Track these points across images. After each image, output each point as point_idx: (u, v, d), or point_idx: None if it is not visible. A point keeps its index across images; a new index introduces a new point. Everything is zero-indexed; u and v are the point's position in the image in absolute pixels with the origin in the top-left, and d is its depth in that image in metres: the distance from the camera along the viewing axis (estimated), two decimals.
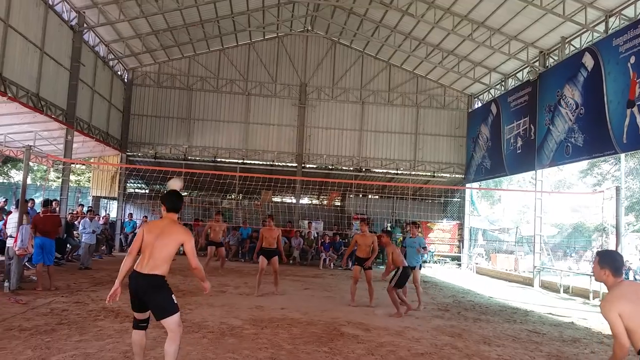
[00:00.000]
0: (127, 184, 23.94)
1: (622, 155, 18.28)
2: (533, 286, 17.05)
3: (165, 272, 4.81)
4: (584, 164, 30.20)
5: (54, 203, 14.44)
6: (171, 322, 4.78)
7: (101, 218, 19.65)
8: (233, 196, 24.51)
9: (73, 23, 16.57)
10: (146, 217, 21.69)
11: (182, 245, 4.90)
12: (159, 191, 24.43)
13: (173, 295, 4.85)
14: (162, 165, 21.60)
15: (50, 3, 14.88)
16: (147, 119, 23.04)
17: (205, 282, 5.27)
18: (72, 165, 19.63)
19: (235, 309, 9.19)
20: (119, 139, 21.99)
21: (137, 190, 25.38)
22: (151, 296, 4.75)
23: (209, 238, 14.29)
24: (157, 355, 5.85)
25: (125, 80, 22.65)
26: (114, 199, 23.68)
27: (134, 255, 4.89)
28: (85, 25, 17.06)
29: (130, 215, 21.84)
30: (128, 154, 22.69)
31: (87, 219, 14.81)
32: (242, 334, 7.32)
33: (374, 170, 24.25)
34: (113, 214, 23.49)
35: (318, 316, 9.00)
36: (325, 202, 26.84)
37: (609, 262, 3.88)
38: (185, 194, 24.72)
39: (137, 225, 21.22)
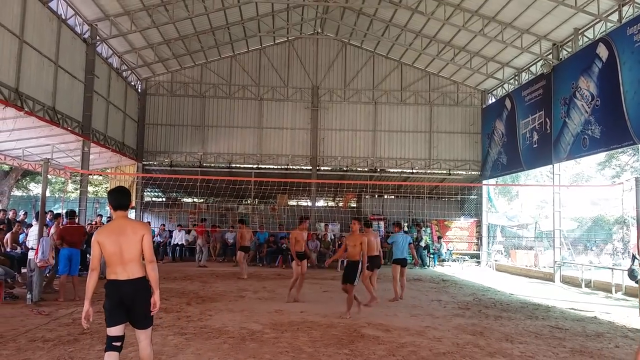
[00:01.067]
0: (144, 193, 24.16)
1: None
2: (554, 281, 16.85)
3: (143, 272, 4.56)
4: (601, 156, 29.77)
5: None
6: (149, 333, 4.68)
7: None
8: (249, 201, 24.61)
9: (86, 36, 16.81)
10: (164, 225, 21.88)
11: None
12: (176, 199, 24.67)
13: None
14: (177, 173, 21.83)
15: (64, 17, 15.11)
16: (162, 128, 23.25)
17: (156, 290, 4.63)
18: (89, 176, 19.89)
19: (255, 313, 9.20)
20: (134, 149, 22.22)
21: (154, 199, 25.59)
22: (140, 302, 4.55)
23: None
24: None
25: (139, 90, 22.91)
26: (132, 208, 23.84)
27: (98, 270, 4.58)
28: (97, 37, 17.29)
29: (148, 223, 21.96)
30: (144, 163, 22.92)
31: None
32: (262, 338, 7.33)
33: (389, 170, 24.19)
34: None
35: (338, 318, 8.98)
36: (340, 204, 26.81)
37: None
38: (202, 200, 24.88)
39: (155, 233, 21.34)
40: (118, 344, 4.63)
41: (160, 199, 25.58)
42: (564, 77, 16.78)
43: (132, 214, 24.55)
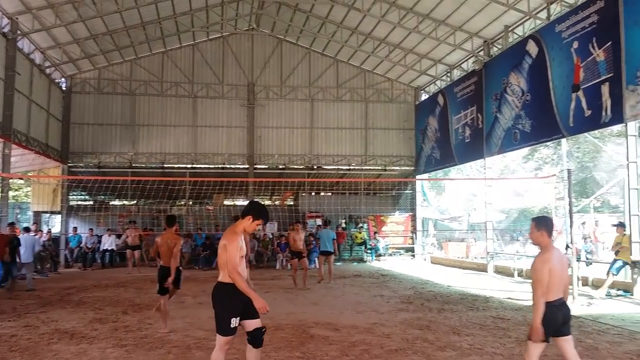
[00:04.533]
0: (70, 197, 22.87)
1: (564, 140, 18.94)
2: (487, 272, 17.38)
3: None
4: (525, 150, 31.15)
5: None
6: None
7: (44, 234, 18.71)
8: (183, 202, 23.88)
9: (5, 30, 15.65)
10: (92, 229, 20.77)
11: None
12: (104, 202, 23.51)
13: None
14: (106, 175, 20.77)
15: None
16: (89, 128, 22.09)
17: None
18: (10, 180, 18.57)
19: (197, 319, 8.84)
20: (59, 150, 21.00)
21: (80, 203, 24.30)
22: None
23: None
24: None
25: (64, 88, 21.64)
26: (56, 212, 22.59)
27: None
28: (18, 32, 16.15)
29: (75, 229, 20.81)
30: (70, 164, 21.71)
31: (26, 235, 13.90)
32: (208, 345, 6.99)
33: (326, 167, 24.18)
34: (55, 229, 22.37)
35: (284, 319, 8.78)
36: (278, 202, 26.56)
37: (545, 225, 4.66)
38: (133, 202, 23.89)
39: (82, 240, 20.24)
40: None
41: (87, 203, 24.31)
42: (495, 73, 17.31)
43: (57, 218, 23.27)
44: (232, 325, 4.61)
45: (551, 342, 4.57)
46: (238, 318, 4.65)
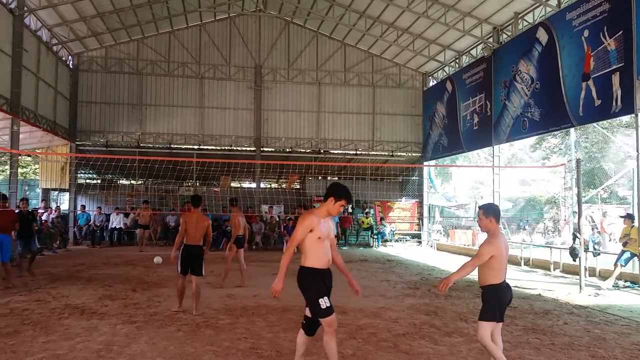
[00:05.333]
0: (78, 175, 22.97)
1: (572, 130, 18.87)
2: None
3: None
4: (533, 139, 31.07)
5: None
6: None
7: (53, 211, 18.86)
8: (190, 183, 23.94)
9: (12, 6, 15.57)
10: (100, 208, 20.92)
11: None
12: (111, 180, 23.60)
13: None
14: (114, 154, 20.84)
15: None
16: (96, 106, 22.09)
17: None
18: (19, 157, 18.64)
19: (206, 298, 8.89)
20: (67, 128, 21.03)
21: (88, 181, 24.41)
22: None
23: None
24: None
25: (71, 66, 21.60)
26: (64, 190, 22.72)
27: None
28: (25, 8, 16.07)
29: (83, 207, 20.97)
30: (77, 143, 21.76)
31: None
32: (217, 324, 7.09)
33: (333, 151, 24.15)
34: (64, 207, 22.51)
35: (292, 301, 8.79)
36: (284, 185, 26.59)
37: (493, 212, 5.00)
38: (140, 182, 23.97)
39: (90, 217, 20.45)
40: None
41: (95, 181, 24.42)
42: (504, 60, 17.18)
43: (65, 196, 23.41)
44: (322, 307, 4.60)
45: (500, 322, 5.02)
46: (326, 297, 4.63)
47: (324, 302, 4.61)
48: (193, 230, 7.98)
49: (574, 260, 12.56)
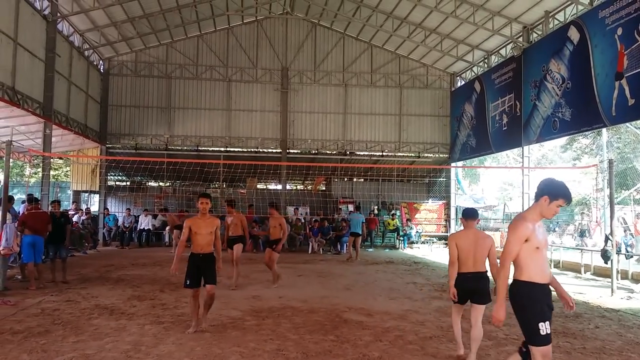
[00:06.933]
0: (108, 177, 23.40)
1: (604, 130, 18.43)
2: None
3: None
4: (563, 139, 30.45)
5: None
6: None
7: (84, 213, 19.24)
8: (217, 185, 24.16)
9: (46, 12, 15.93)
10: (129, 209, 21.27)
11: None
12: (140, 182, 23.98)
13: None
14: (143, 156, 21.10)
15: None
16: (126, 110, 22.48)
17: None
18: (51, 159, 19.09)
19: (232, 300, 8.97)
20: (97, 131, 21.44)
21: (117, 183, 24.84)
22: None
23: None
24: None
25: (102, 70, 22.03)
26: (95, 192, 23.17)
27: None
28: (58, 14, 16.45)
29: (107, 209, 21.41)
30: (108, 145, 22.17)
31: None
32: (244, 325, 7.12)
33: (359, 153, 24.07)
34: (94, 208, 22.96)
35: (318, 303, 8.84)
36: (310, 187, 26.61)
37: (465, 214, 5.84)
38: (169, 184, 24.29)
39: (118, 218, 20.89)
40: None
41: (124, 183, 24.83)
42: (534, 59, 16.87)
43: (95, 198, 23.86)
44: (542, 332, 3.78)
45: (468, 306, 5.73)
46: (548, 322, 3.81)
47: (544, 328, 3.80)
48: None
49: (606, 263, 12.26)
